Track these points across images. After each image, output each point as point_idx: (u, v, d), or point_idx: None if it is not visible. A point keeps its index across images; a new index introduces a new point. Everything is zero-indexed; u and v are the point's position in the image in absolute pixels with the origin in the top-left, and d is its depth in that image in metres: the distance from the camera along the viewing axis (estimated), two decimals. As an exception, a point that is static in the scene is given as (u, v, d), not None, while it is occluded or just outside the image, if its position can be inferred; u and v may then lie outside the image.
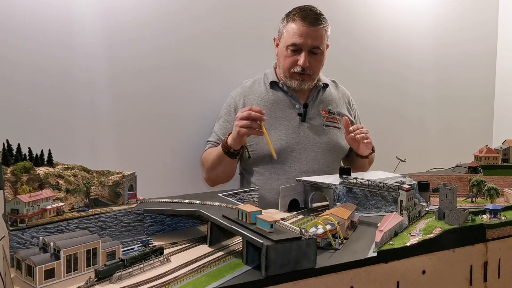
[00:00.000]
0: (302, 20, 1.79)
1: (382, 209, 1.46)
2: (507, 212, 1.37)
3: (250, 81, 1.97)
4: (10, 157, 1.11)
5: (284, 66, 1.85)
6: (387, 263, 1.12)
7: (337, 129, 1.93)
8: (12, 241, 1.04)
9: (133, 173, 1.29)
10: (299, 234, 1.00)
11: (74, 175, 1.20)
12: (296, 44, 1.80)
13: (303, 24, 1.79)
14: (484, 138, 3.07)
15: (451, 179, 1.70)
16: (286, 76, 1.87)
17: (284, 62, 1.85)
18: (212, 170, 1.83)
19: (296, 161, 1.84)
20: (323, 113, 1.92)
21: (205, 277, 0.97)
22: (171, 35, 2.03)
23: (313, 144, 1.87)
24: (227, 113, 1.91)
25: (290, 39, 1.81)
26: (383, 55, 2.70)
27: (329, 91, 1.99)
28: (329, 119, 1.92)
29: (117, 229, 1.19)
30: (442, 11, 2.90)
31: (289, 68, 1.84)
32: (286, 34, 1.83)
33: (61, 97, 1.83)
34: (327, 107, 1.94)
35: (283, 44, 1.85)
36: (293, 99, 1.90)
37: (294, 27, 1.80)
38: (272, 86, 1.92)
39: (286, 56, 1.84)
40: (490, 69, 3.18)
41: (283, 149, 1.82)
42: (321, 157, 1.87)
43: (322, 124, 1.90)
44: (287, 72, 1.85)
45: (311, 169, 1.84)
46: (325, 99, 1.96)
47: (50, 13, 1.78)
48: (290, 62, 1.83)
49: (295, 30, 1.80)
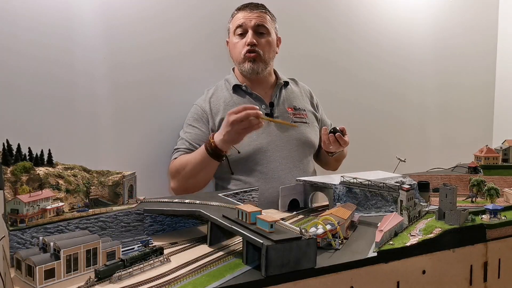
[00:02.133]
0: (243, 8, 1.89)
1: (382, 209, 1.46)
2: (507, 212, 1.37)
3: (212, 88, 1.96)
4: (10, 157, 1.12)
5: (236, 53, 1.89)
6: (387, 263, 1.12)
7: (305, 124, 1.95)
8: (12, 241, 1.04)
9: (133, 173, 1.29)
10: (299, 234, 1.00)
11: (74, 175, 1.20)
12: (240, 25, 1.85)
13: (245, 10, 1.88)
14: (484, 138, 3.07)
15: (451, 179, 1.70)
16: (239, 63, 1.88)
17: (234, 49, 1.89)
18: (190, 177, 1.73)
19: (271, 160, 1.84)
20: (289, 110, 1.94)
21: (205, 277, 0.97)
22: (171, 39, 2.04)
23: (285, 142, 1.88)
24: (194, 120, 1.88)
25: (234, 25, 1.88)
26: (383, 55, 2.70)
27: (291, 89, 2.02)
28: (296, 115, 1.94)
29: (117, 229, 1.19)
30: (442, 13, 2.91)
31: (240, 52, 1.86)
32: (232, 25, 1.91)
33: (61, 97, 1.83)
34: (292, 104, 1.97)
35: (231, 35, 1.91)
36: (257, 100, 1.90)
37: (239, 15, 1.89)
38: (235, 90, 1.91)
39: (234, 43, 1.89)
40: (490, 69, 3.18)
41: (257, 150, 1.82)
42: (295, 153, 1.89)
43: (290, 120, 1.91)
44: (239, 56, 1.87)
45: (287, 166, 1.85)
46: (288, 96, 1.98)
47: (50, 14, 1.79)
48: (240, 46, 1.86)
49: (239, 17, 1.88)
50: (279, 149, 1.86)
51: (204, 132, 1.84)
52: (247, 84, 1.91)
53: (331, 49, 2.46)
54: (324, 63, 2.46)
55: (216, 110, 1.87)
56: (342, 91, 2.24)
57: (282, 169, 1.84)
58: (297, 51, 2.37)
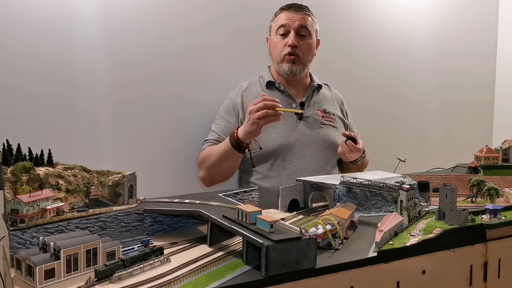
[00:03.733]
0: (287, 9, 1.91)
1: (382, 209, 1.46)
2: (507, 212, 1.37)
3: (246, 83, 2.00)
4: (10, 157, 1.12)
5: (276, 52, 1.90)
6: (387, 263, 1.12)
7: (333, 128, 1.96)
8: (12, 241, 1.04)
9: (133, 173, 1.29)
10: (299, 234, 1.00)
11: (74, 175, 1.20)
12: (283, 24, 1.87)
13: (289, 11, 1.90)
14: (484, 138, 3.07)
15: (451, 179, 1.70)
16: (278, 63, 1.90)
17: (275, 49, 1.91)
18: (214, 167, 1.80)
19: (295, 158, 1.86)
20: (319, 113, 1.96)
21: (205, 277, 0.97)
22: (171, 39, 2.04)
23: (311, 141, 1.89)
24: (226, 113, 1.92)
25: (278, 24, 1.89)
26: (383, 55, 2.70)
27: (323, 92, 2.04)
28: (325, 118, 1.96)
29: (117, 229, 1.19)
30: (442, 13, 2.90)
31: (280, 52, 1.88)
32: (274, 24, 1.92)
33: (61, 97, 1.83)
34: (322, 107, 1.98)
35: (273, 34, 1.92)
36: (289, 99, 1.93)
37: (282, 15, 1.90)
38: (268, 86, 1.94)
39: (276, 43, 1.90)
40: (490, 69, 3.18)
41: (283, 146, 1.85)
42: (319, 154, 1.90)
43: (318, 122, 1.93)
44: (279, 56, 1.89)
45: (310, 165, 1.87)
46: (320, 99, 2.00)
47: (50, 14, 1.78)
48: (281, 46, 1.88)
49: (281, 17, 1.90)
50: (305, 147, 1.88)
51: (233, 124, 1.87)
52: (281, 82, 1.94)
53: (330, 49, 2.46)
54: (324, 63, 2.46)
55: (247, 104, 1.88)
56: (342, 91, 2.24)
57: (305, 167, 1.87)
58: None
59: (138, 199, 1.29)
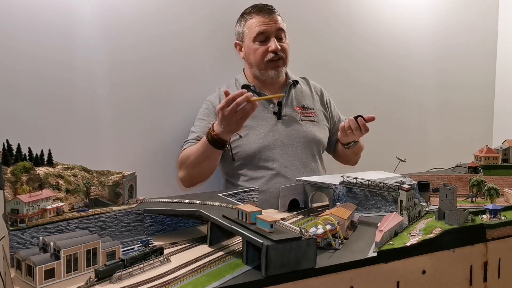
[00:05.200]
0: (259, 13, 1.88)
1: (382, 209, 1.46)
2: (507, 212, 1.37)
3: (223, 86, 1.98)
4: (10, 157, 1.12)
5: (256, 59, 1.89)
6: (387, 263, 1.12)
7: (312, 123, 1.97)
8: (12, 241, 1.04)
9: (133, 173, 1.29)
10: (299, 234, 1.00)
11: (74, 175, 1.20)
12: (262, 31, 1.85)
13: (262, 15, 1.87)
14: (484, 138, 3.07)
15: (451, 179, 1.69)
16: (261, 69, 1.89)
17: (255, 56, 1.88)
18: (194, 167, 1.76)
19: (277, 157, 1.87)
20: (297, 109, 1.96)
21: (205, 277, 0.97)
22: (172, 38, 2.04)
23: (291, 140, 1.90)
24: (205, 114, 1.91)
25: (255, 31, 1.86)
26: (383, 55, 2.70)
27: (300, 88, 2.04)
28: (304, 114, 1.96)
29: (117, 229, 1.19)
30: (442, 13, 2.90)
31: (262, 59, 1.87)
32: (249, 30, 1.89)
33: (61, 97, 1.83)
34: (300, 103, 1.99)
35: (249, 40, 1.89)
36: (266, 100, 1.92)
37: (255, 20, 1.87)
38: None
39: (255, 50, 1.88)
40: (490, 69, 3.18)
41: (264, 148, 1.86)
42: (301, 151, 1.91)
43: (297, 119, 1.94)
44: (261, 63, 1.88)
45: (292, 163, 1.88)
46: (297, 95, 2.00)
47: (50, 14, 1.78)
48: (262, 52, 1.86)
49: (257, 22, 1.86)
50: (286, 146, 1.89)
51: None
52: (256, 84, 1.94)
53: (330, 49, 2.46)
54: (324, 63, 2.46)
55: None
56: (342, 91, 2.24)
57: (288, 166, 1.87)
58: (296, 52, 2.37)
59: (138, 199, 1.29)
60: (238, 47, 1.97)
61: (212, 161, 1.76)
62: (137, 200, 1.29)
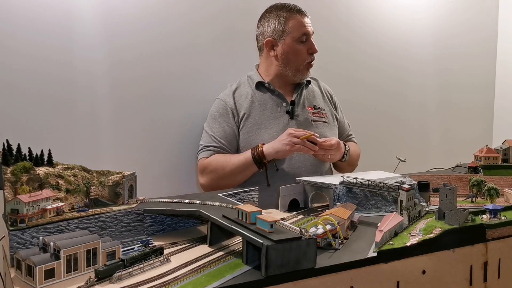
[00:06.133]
0: (299, 13, 1.90)
1: (382, 209, 1.46)
2: (507, 212, 1.37)
3: (235, 84, 1.98)
4: (10, 157, 1.12)
5: (299, 60, 1.90)
6: (387, 263, 1.12)
7: (324, 123, 1.97)
8: (12, 241, 1.04)
9: (133, 173, 1.29)
10: (299, 234, 1.00)
11: (74, 175, 1.20)
12: (306, 33, 1.88)
13: (301, 16, 1.90)
14: (484, 138, 3.07)
15: (451, 179, 1.69)
16: (298, 70, 1.91)
17: (298, 57, 1.90)
18: (227, 178, 1.79)
19: (288, 158, 1.85)
20: (309, 109, 1.97)
21: (205, 277, 0.97)
22: (172, 38, 2.04)
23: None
24: (220, 115, 1.89)
25: (301, 32, 1.88)
26: (383, 55, 2.70)
27: (312, 88, 2.05)
28: (315, 114, 1.97)
29: (117, 229, 1.19)
30: (442, 13, 2.90)
31: (304, 60, 1.90)
32: (292, 30, 1.88)
33: (61, 97, 1.83)
34: (312, 103, 1.99)
35: (291, 40, 1.88)
36: (279, 98, 1.93)
37: (297, 20, 1.88)
38: (258, 87, 1.94)
39: (299, 50, 1.89)
40: (490, 69, 3.18)
41: None
42: None
43: (309, 119, 1.94)
44: (301, 64, 1.91)
45: (303, 164, 1.88)
46: (309, 95, 2.01)
47: (50, 14, 1.78)
48: (305, 53, 1.89)
49: (300, 23, 1.88)
50: None
51: (231, 128, 1.87)
52: (273, 82, 1.94)
53: (330, 49, 2.46)
54: (324, 63, 2.45)
55: (239, 105, 1.90)
56: (342, 91, 2.24)
57: (298, 166, 1.86)
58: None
59: (138, 199, 1.29)
60: (270, 44, 1.92)
61: (246, 176, 1.80)
62: (137, 200, 1.29)
